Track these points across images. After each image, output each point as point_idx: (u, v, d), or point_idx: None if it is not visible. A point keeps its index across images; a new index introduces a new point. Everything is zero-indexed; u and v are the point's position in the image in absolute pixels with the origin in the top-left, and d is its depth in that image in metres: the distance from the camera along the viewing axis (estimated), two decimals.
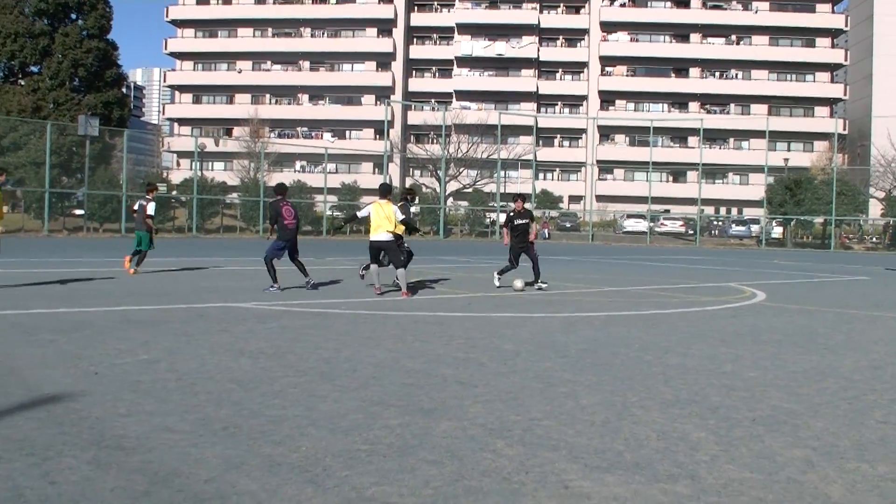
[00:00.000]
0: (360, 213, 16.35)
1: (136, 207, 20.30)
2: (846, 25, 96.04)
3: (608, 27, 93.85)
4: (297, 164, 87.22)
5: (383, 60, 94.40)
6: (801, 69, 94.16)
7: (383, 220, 15.41)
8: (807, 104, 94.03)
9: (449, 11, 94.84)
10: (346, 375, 7.51)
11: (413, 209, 29.50)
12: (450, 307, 13.73)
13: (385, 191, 15.88)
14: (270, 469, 4.67)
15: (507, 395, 6.80)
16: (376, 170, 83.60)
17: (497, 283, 17.31)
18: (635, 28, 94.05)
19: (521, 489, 4.46)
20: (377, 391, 6.83)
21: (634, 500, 4.36)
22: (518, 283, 16.77)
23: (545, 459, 5.01)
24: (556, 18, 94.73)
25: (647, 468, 4.90)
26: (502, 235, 18.64)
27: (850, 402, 6.97)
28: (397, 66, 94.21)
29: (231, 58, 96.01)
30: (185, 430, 5.44)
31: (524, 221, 17.48)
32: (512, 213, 17.63)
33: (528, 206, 18.04)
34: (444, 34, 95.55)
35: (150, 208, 19.92)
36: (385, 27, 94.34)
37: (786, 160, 72.52)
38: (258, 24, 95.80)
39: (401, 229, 15.73)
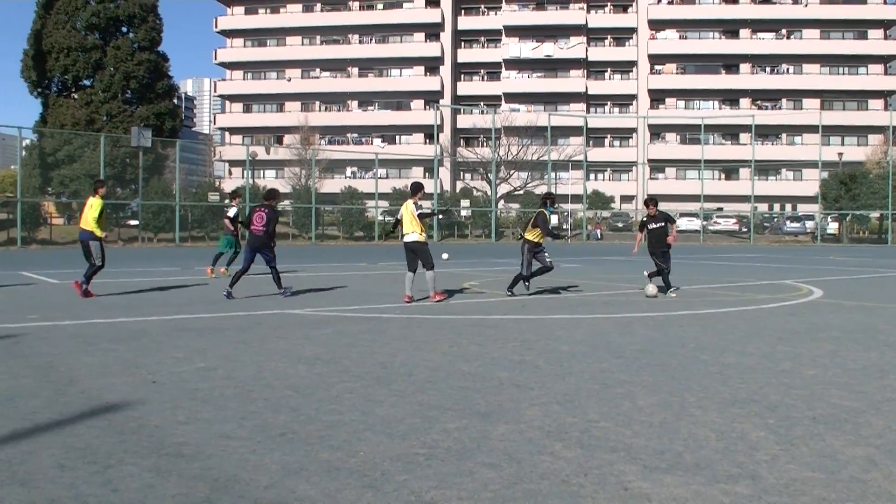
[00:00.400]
0: (398, 216, 15.56)
1: (230, 214, 21.81)
2: None
3: (656, 25, 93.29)
4: (348, 171, 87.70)
5: (431, 65, 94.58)
6: (854, 62, 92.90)
7: (408, 220, 14.98)
8: (860, 97, 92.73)
9: (496, 14, 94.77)
10: (402, 380, 7.54)
11: (553, 218, 29.19)
12: (504, 310, 13.71)
13: (414, 189, 15.25)
14: (329, 474, 4.70)
15: (564, 398, 6.79)
16: (427, 174, 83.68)
17: (652, 292, 16.16)
18: (684, 25, 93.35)
19: (580, 491, 4.45)
20: (433, 395, 6.86)
21: (695, 500, 4.33)
22: (651, 289, 16.15)
23: (604, 461, 4.99)
24: (603, 18, 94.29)
25: (707, 469, 4.87)
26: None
27: None
28: (445, 70, 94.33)
29: (280, 66, 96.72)
30: (244, 437, 5.49)
31: (660, 225, 16.75)
32: (645, 218, 17.07)
33: (659, 207, 17.10)
34: (492, 37, 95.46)
35: (231, 213, 21.76)
36: (433, 31, 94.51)
37: (840, 155, 71.51)
38: (306, 32, 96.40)
39: (417, 227, 14.91)
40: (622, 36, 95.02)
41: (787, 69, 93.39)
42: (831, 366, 8.46)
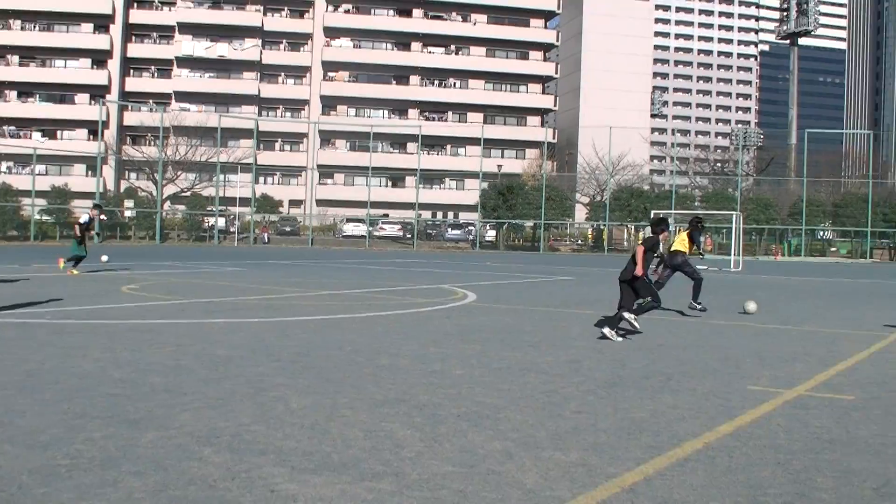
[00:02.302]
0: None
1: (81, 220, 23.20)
2: (557, 40, 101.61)
3: (332, 32, 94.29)
4: (3, 166, 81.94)
5: (99, 58, 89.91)
6: (515, 80, 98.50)
7: None
8: (520, 114, 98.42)
9: (170, 10, 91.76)
10: (48, 388, 7.15)
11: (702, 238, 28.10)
12: (161, 314, 13.36)
13: None
14: None
15: (217, 402, 6.72)
16: (90, 172, 79.80)
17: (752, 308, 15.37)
18: (358, 35, 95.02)
19: (227, 496, 4.43)
20: (81, 403, 6.56)
21: (340, 499, 4.42)
22: (751, 306, 15.55)
23: (253, 465, 5.00)
24: (279, 22, 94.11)
25: (354, 468, 4.99)
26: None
27: (548, 395, 7.38)
28: (114, 63, 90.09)
29: None
30: None
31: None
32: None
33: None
34: (165, 33, 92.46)
35: (83, 219, 23.44)
36: (102, 23, 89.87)
37: (499, 167, 75.47)
38: None
39: None
40: (297, 41, 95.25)
41: (455, 83, 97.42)
42: (478, 365, 8.90)
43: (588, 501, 4.52)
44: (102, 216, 26.30)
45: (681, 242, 16.21)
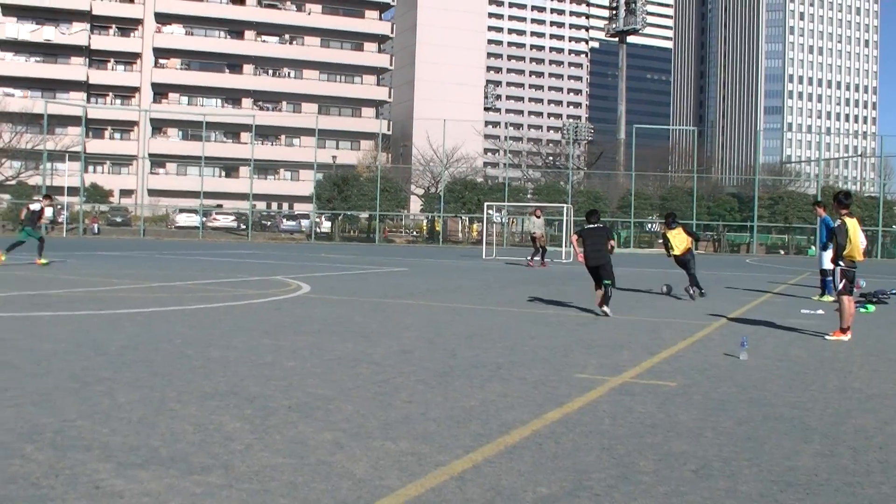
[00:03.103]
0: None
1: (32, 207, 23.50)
2: (392, 32, 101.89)
3: (163, 18, 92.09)
4: None
5: None
6: (350, 71, 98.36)
7: None
8: (355, 105, 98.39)
9: None
10: None
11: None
12: None
13: None
14: None
15: (40, 398, 6.52)
16: None
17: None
18: (190, 21, 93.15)
19: (50, 493, 4.33)
20: None
21: (167, 493, 4.38)
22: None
23: (77, 461, 4.89)
24: (109, 6, 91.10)
25: (182, 461, 4.94)
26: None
27: (379, 386, 7.45)
28: None
29: None
30: None
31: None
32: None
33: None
34: None
35: (34, 206, 23.85)
36: None
37: (334, 158, 75.15)
38: None
39: None
40: (127, 26, 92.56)
41: (289, 73, 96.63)
42: (310, 357, 8.91)
43: (417, 490, 4.60)
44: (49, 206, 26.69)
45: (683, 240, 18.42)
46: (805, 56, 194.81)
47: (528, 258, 30.73)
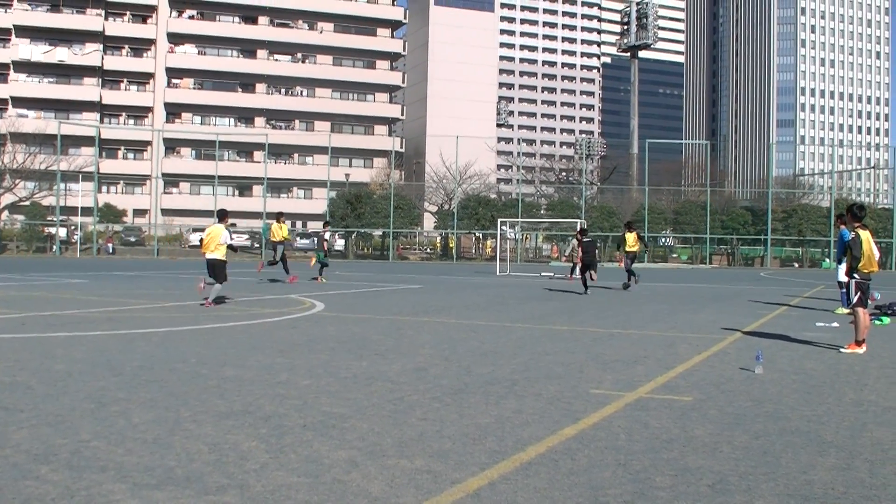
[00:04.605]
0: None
1: None
2: (404, 50, 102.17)
3: (175, 38, 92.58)
4: None
5: None
6: (363, 89, 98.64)
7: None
8: (367, 122, 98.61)
9: (6, 12, 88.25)
10: None
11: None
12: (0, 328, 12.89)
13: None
14: None
15: (56, 419, 6.54)
16: None
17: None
18: (203, 41, 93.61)
19: None
20: None
21: None
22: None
23: (92, 482, 4.89)
24: (121, 27, 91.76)
25: (198, 481, 4.94)
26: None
27: (394, 403, 7.44)
28: None
29: None
30: None
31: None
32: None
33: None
34: (1, 36, 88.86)
35: None
36: None
37: (347, 175, 75.45)
38: None
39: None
40: (140, 47, 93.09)
41: (301, 92, 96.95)
42: (325, 375, 8.90)
43: None
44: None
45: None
46: (817, 69, 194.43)
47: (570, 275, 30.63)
